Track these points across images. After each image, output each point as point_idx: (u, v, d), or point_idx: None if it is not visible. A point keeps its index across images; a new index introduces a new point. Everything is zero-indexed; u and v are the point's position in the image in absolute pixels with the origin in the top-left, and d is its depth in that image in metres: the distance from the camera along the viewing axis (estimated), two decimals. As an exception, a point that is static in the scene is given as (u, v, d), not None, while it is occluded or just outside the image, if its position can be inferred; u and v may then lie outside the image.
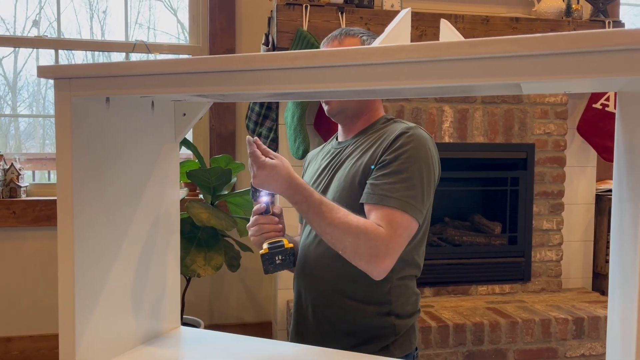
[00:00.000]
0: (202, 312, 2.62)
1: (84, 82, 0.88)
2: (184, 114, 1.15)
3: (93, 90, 0.89)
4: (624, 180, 0.74)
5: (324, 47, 1.34)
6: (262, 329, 2.67)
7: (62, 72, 0.89)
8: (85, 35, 2.66)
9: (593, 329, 2.26)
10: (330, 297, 1.26)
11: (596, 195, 2.77)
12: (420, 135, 1.20)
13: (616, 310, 0.77)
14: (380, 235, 1.09)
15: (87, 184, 0.93)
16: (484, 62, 0.65)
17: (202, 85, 0.82)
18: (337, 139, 1.38)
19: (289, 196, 1.15)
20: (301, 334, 1.33)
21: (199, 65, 0.80)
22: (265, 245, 1.19)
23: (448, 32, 0.84)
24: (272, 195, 1.24)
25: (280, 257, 1.17)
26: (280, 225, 1.24)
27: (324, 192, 1.29)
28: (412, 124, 1.24)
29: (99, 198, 0.95)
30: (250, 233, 1.25)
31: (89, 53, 2.65)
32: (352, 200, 1.19)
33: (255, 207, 1.24)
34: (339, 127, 1.37)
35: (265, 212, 1.23)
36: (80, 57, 2.67)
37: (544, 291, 2.61)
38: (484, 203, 2.76)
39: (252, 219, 1.24)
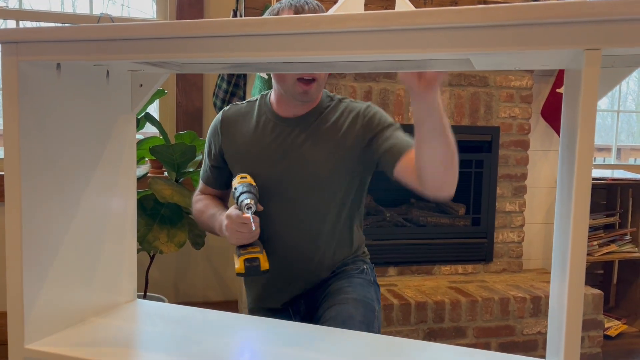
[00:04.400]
0: (167, 290, 2.61)
1: (33, 47, 0.86)
2: (141, 85, 1.13)
3: (42, 55, 0.86)
4: (566, 159, 0.76)
5: (295, 13, 1.28)
6: (227, 307, 2.67)
7: (8, 36, 0.87)
8: (56, 10, 2.58)
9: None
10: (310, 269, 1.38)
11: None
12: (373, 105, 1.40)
13: (555, 286, 0.79)
14: None
15: (36, 154, 0.91)
16: (430, 33, 0.65)
17: (153, 52, 0.80)
18: (273, 111, 1.37)
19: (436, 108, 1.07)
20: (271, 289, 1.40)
21: (150, 31, 0.79)
22: (240, 262, 1.22)
23: (402, 5, 0.85)
24: (254, 195, 1.23)
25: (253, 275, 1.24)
26: (258, 230, 1.24)
27: (298, 167, 1.31)
28: (357, 101, 1.41)
29: (48, 169, 0.94)
30: (229, 237, 1.25)
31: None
32: (349, 169, 1.32)
33: (247, 217, 1.21)
34: (279, 99, 1.36)
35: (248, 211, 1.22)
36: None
37: (505, 271, 2.68)
38: (450, 185, 2.79)
39: (234, 227, 1.23)
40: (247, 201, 1.20)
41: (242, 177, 1.30)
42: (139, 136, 2.33)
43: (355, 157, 1.33)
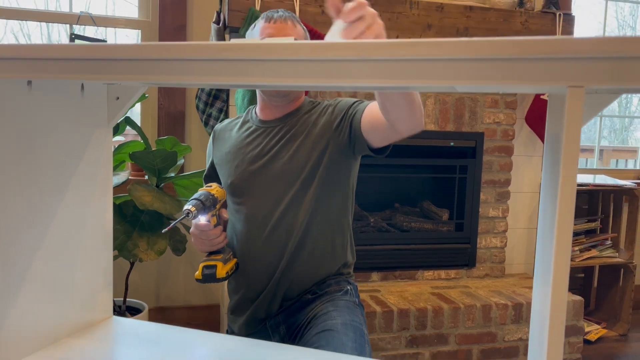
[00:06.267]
0: (148, 294, 2.58)
1: (2, 64, 0.83)
2: (117, 98, 1.10)
3: (12, 73, 0.83)
4: (548, 174, 0.75)
5: (266, 22, 1.34)
6: (209, 311, 2.65)
7: (-24, 52, 0.83)
8: (40, 6, 2.52)
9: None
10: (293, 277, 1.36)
11: (541, 184, 2.84)
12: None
13: (538, 293, 0.78)
14: None
15: (6, 170, 0.88)
16: (412, 64, 0.64)
17: (129, 73, 0.78)
18: (256, 117, 1.44)
19: None
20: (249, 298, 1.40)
21: (127, 52, 0.77)
22: (200, 268, 1.28)
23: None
24: (210, 213, 1.25)
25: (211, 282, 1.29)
26: (221, 238, 1.28)
27: (273, 164, 1.35)
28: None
29: (20, 184, 0.91)
30: (194, 244, 1.32)
31: (31, 24, 2.52)
32: (324, 161, 1.33)
33: (200, 225, 1.25)
34: (263, 106, 1.43)
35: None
36: (16, 27, 2.54)
37: (487, 277, 2.69)
38: (434, 190, 2.80)
39: (196, 233, 1.27)
40: (187, 207, 1.20)
41: (207, 186, 1.30)
42: (120, 138, 2.29)
43: (327, 144, 1.34)
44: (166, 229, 1.18)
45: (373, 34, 0.91)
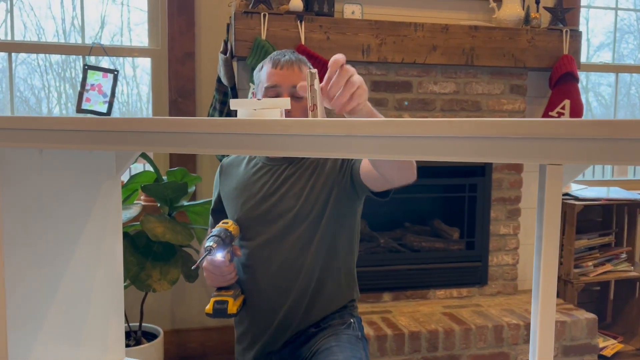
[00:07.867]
0: (163, 317, 2.63)
1: (15, 134, 0.87)
2: (125, 149, 1.14)
3: (24, 142, 0.88)
4: (539, 230, 0.77)
5: (272, 67, 1.36)
6: (224, 333, 2.68)
7: (-12, 123, 0.88)
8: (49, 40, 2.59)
9: (544, 333, 2.33)
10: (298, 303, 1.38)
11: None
12: None
13: (535, 311, 0.80)
14: None
15: (19, 230, 0.92)
16: (396, 141, 0.66)
17: (133, 144, 0.82)
18: (263, 156, 1.46)
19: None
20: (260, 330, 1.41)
21: (129, 125, 0.81)
22: (210, 303, 1.31)
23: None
24: (227, 251, 1.29)
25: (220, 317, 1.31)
26: (233, 274, 1.32)
27: (280, 203, 1.38)
28: None
29: (32, 242, 0.95)
30: (206, 279, 1.35)
31: (43, 55, 2.59)
32: (330, 201, 1.37)
33: (216, 261, 1.28)
34: None
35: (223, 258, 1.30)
36: (31, 58, 2.61)
37: (500, 294, 2.68)
38: (444, 208, 2.80)
39: (210, 268, 1.30)
40: (208, 244, 1.24)
41: (223, 222, 1.34)
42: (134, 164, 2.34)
43: (333, 187, 1.37)
44: (195, 266, 1.24)
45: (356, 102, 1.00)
